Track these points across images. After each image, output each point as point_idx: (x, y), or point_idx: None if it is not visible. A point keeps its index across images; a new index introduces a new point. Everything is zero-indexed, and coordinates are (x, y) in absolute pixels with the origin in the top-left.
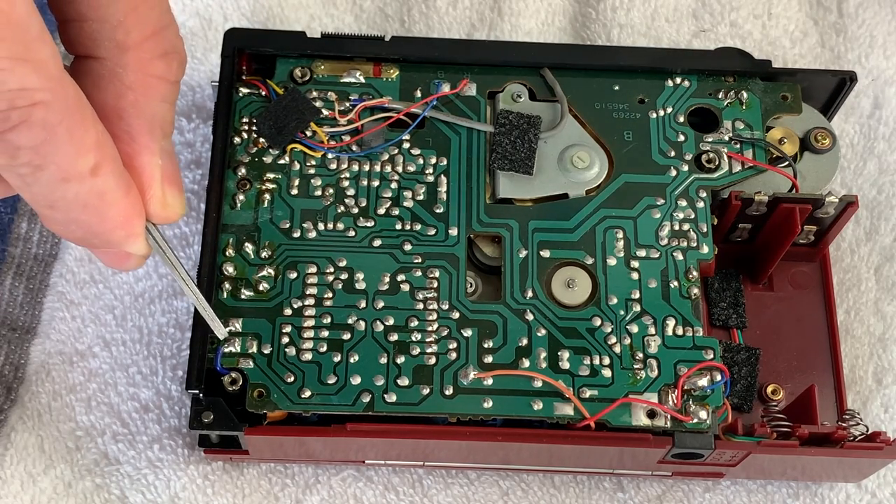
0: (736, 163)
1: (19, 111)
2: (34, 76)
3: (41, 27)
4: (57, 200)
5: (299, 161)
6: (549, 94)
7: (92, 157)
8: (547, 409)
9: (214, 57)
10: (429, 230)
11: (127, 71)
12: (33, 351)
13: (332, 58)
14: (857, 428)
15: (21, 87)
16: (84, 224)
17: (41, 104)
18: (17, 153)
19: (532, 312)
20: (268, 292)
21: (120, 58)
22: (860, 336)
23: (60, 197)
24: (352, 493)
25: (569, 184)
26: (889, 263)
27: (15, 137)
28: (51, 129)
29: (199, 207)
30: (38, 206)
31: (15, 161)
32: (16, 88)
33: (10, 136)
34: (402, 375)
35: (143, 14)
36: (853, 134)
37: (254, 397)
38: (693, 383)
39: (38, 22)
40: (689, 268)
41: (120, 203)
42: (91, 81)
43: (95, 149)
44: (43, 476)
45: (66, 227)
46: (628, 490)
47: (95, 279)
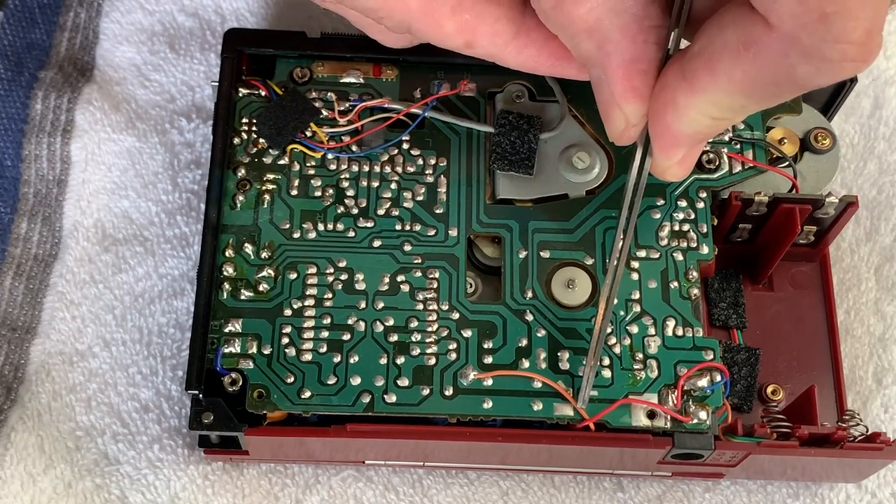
0: (736, 163)
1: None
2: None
3: None
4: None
5: (299, 161)
6: (549, 94)
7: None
8: (547, 409)
9: (214, 57)
10: (429, 230)
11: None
12: (33, 351)
13: (331, 58)
14: (857, 428)
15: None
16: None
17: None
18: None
19: (532, 313)
20: (268, 293)
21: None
22: (860, 336)
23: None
24: (352, 493)
25: (569, 184)
26: (889, 263)
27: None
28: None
29: (199, 207)
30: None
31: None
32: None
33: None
34: (402, 376)
35: None
36: (853, 134)
37: (254, 398)
38: (693, 384)
39: None
40: (689, 268)
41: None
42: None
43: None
44: (43, 476)
45: (574, 41)
46: (628, 490)
47: (95, 279)
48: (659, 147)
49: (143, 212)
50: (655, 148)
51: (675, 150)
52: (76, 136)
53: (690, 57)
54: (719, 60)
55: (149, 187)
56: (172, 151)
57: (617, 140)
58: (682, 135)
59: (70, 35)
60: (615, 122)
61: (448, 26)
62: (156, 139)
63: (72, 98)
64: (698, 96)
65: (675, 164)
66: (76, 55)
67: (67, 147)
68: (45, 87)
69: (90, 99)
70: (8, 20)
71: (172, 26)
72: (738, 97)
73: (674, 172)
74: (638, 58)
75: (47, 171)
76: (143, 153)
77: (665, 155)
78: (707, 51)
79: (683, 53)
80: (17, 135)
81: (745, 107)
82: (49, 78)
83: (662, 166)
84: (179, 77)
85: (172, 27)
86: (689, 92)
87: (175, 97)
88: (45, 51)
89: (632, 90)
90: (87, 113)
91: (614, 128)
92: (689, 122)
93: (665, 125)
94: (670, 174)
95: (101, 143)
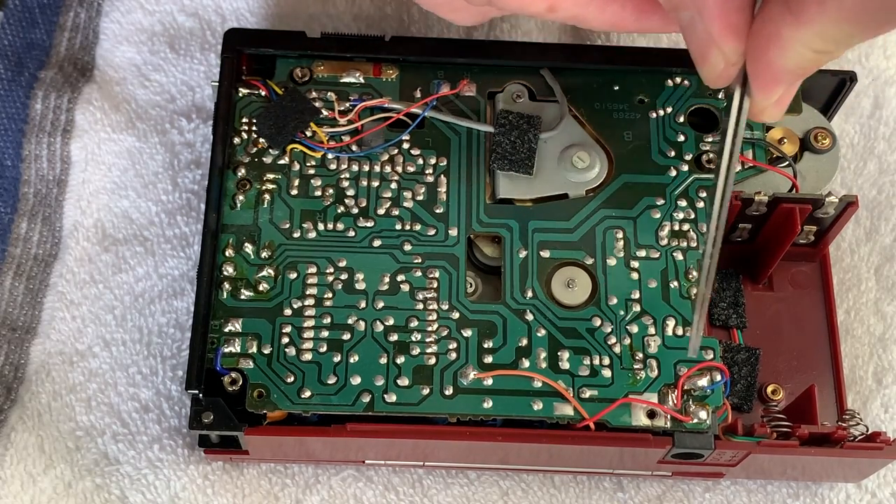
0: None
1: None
2: None
3: None
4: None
5: (299, 161)
6: (549, 94)
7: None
8: (547, 409)
9: (214, 57)
10: (429, 230)
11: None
12: (33, 351)
13: (331, 58)
14: (857, 428)
15: None
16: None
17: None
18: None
19: (532, 312)
20: (268, 292)
21: None
22: (860, 336)
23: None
24: (352, 493)
25: (569, 184)
26: (889, 263)
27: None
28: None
29: (199, 207)
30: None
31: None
32: None
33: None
34: (402, 375)
35: None
36: (853, 134)
37: (254, 397)
38: (693, 383)
39: None
40: (689, 268)
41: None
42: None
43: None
44: (43, 476)
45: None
46: (628, 490)
47: (95, 279)
48: (759, 85)
49: (143, 212)
50: (755, 87)
51: (776, 88)
52: (76, 136)
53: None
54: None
55: (149, 187)
56: (172, 151)
57: (713, 83)
58: (784, 70)
59: (70, 35)
60: (713, 62)
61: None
62: (156, 139)
63: (72, 98)
64: (805, 28)
65: (773, 104)
66: (76, 55)
67: (67, 147)
68: (45, 87)
69: (90, 99)
70: (8, 20)
71: (172, 26)
72: (847, 26)
73: (771, 113)
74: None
75: (47, 171)
76: (143, 153)
77: (765, 94)
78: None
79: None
80: (17, 135)
81: (851, 36)
82: (49, 78)
83: (760, 106)
84: (179, 77)
85: (172, 27)
86: (794, 24)
87: (175, 97)
88: (45, 51)
89: (730, 27)
90: (87, 113)
91: (712, 69)
92: (792, 56)
93: (767, 61)
94: (767, 115)
95: (101, 143)
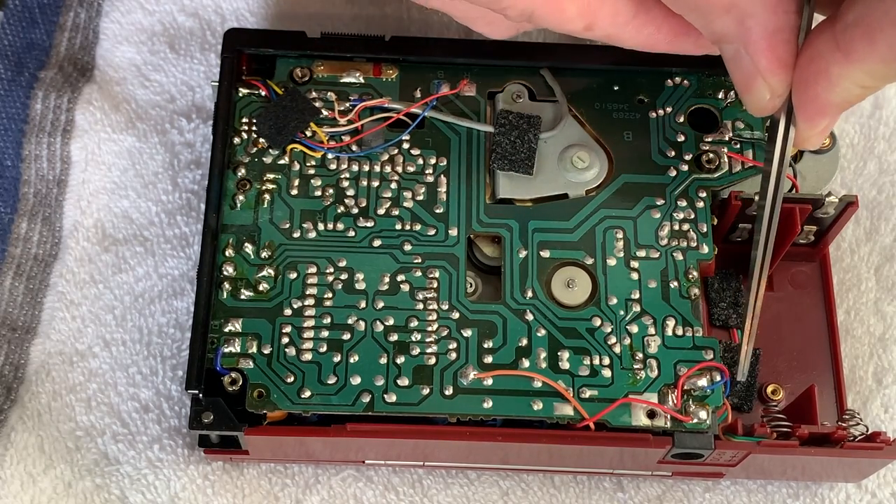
0: (736, 163)
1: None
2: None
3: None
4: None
5: (299, 161)
6: (549, 94)
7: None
8: (547, 409)
9: (214, 57)
10: (429, 230)
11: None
12: (33, 351)
13: (331, 58)
14: (857, 428)
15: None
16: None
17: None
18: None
19: (532, 312)
20: (268, 292)
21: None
22: (860, 336)
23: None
24: (352, 493)
25: (569, 184)
26: (889, 263)
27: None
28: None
29: (199, 207)
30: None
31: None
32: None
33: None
34: (402, 375)
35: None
36: (853, 134)
37: (254, 397)
38: (693, 383)
39: None
40: (689, 268)
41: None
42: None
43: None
44: (43, 476)
45: (707, 19)
46: (628, 490)
47: (95, 279)
48: (804, 117)
49: (143, 212)
50: (800, 118)
51: (821, 120)
52: (76, 136)
53: (845, 27)
54: (880, 30)
55: (149, 187)
56: (172, 151)
57: (758, 112)
58: (830, 104)
59: (70, 35)
60: (759, 94)
61: (570, 10)
62: (156, 139)
63: (72, 98)
64: (854, 66)
65: (817, 133)
66: (76, 55)
67: (67, 147)
68: (45, 87)
69: (90, 99)
70: (8, 20)
71: (172, 26)
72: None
73: (814, 141)
74: (781, 28)
75: (47, 171)
76: (143, 153)
77: (810, 124)
78: (865, 20)
79: (832, 23)
80: (17, 135)
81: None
82: (49, 78)
83: (805, 136)
84: (179, 77)
85: (172, 27)
86: (844, 62)
87: (175, 97)
88: (45, 51)
89: (777, 61)
90: (87, 113)
91: (758, 100)
92: (840, 91)
93: (814, 95)
94: (811, 143)
95: (101, 143)
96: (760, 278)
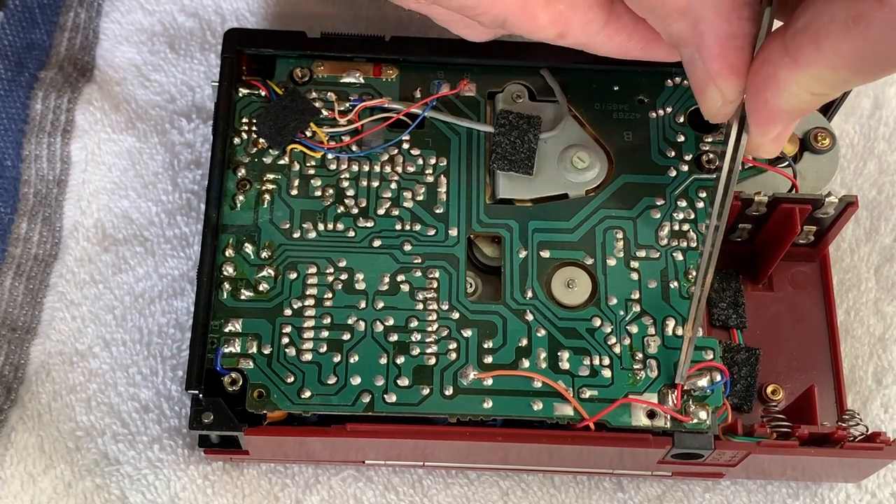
0: None
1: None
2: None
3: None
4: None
5: (299, 161)
6: (549, 94)
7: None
8: (547, 409)
9: (214, 57)
10: (429, 230)
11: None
12: (33, 351)
13: (331, 58)
14: (857, 428)
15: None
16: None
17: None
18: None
19: (532, 313)
20: (268, 292)
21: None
22: (860, 336)
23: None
24: (352, 493)
25: (569, 184)
26: (889, 263)
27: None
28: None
29: (199, 207)
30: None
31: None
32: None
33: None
34: (402, 376)
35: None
36: (853, 134)
37: (254, 397)
38: (693, 383)
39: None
40: (689, 268)
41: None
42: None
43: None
44: (43, 476)
45: (664, 22)
46: (628, 490)
47: (95, 279)
48: (756, 122)
49: (143, 212)
50: (752, 124)
51: (773, 126)
52: (76, 136)
53: (794, 32)
54: (826, 35)
55: (149, 187)
56: (172, 151)
57: (712, 118)
58: (780, 110)
59: (70, 35)
60: (711, 99)
61: (542, 18)
62: (156, 139)
63: (72, 98)
64: (802, 71)
65: (770, 141)
66: (76, 55)
67: (67, 147)
68: (45, 87)
69: (90, 99)
70: (8, 20)
71: (172, 26)
72: (844, 72)
73: (767, 149)
74: (733, 34)
75: (47, 171)
76: (143, 153)
77: (762, 130)
78: (813, 26)
79: (784, 29)
80: (17, 135)
81: (847, 81)
82: (49, 78)
83: (757, 143)
84: (179, 77)
85: (172, 27)
86: (792, 67)
87: (175, 97)
88: (45, 51)
89: (729, 67)
90: (87, 113)
91: (710, 105)
92: (789, 97)
93: (764, 101)
94: (764, 151)
95: (101, 143)
96: (704, 285)
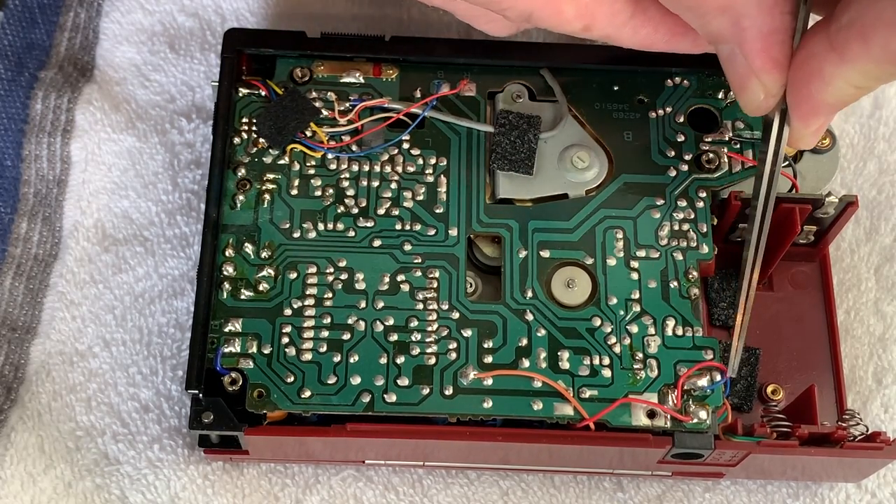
0: (736, 163)
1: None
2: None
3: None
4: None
5: (299, 161)
6: (549, 94)
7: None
8: (547, 409)
9: (214, 57)
10: (429, 230)
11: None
12: (33, 351)
13: (331, 58)
14: (857, 428)
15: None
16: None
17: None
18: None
19: (532, 312)
20: (268, 292)
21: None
22: (860, 336)
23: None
24: (352, 493)
25: (569, 184)
26: (889, 263)
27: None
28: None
29: (199, 207)
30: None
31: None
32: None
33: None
34: (402, 375)
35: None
36: (853, 134)
37: (254, 397)
38: (693, 383)
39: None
40: (689, 268)
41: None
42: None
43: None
44: (43, 476)
45: (703, 20)
46: (628, 490)
47: (95, 279)
48: (799, 116)
49: (143, 212)
50: (794, 117)
51: (815, 119)
52: (76, 136)
53: (839, 28)
54: (874, 31)
55: (149, 187)
56: (172, 151)
57: (753, 112)
58: (824, 104)
59: (70, 35)
60: (753, 93)
61: (568, 11)
62: (156, 139)
63: (72, 98)
64: (848, 66)
65: (812, 133)
66: (76, 55)
67: (67, 147)
68: (45, 87)
69: (90, 99)
70: (8, 20)
71: (172, 26)
72: (889, 66)
73: (808, 141)
74: (776, 29)
75: (47, 171)
76: (143, 153)
77: (804, 123)
78: (859, 22)
79: (826, 24)
80: (17, 135)
81: (893, 75)
82: (49, 78)
83: (799, 135)
84: (179, 77)
85: (172, 27)
86: (838, 62)
87: (175, 97)
88: (45, 51)
89: (772, 62)
90: (87, 113)
91: (752, 99)
92: (834, 91)
93: (808, 94)
94: (804, 143)
95: (101, 143)
96: (751, 279)
